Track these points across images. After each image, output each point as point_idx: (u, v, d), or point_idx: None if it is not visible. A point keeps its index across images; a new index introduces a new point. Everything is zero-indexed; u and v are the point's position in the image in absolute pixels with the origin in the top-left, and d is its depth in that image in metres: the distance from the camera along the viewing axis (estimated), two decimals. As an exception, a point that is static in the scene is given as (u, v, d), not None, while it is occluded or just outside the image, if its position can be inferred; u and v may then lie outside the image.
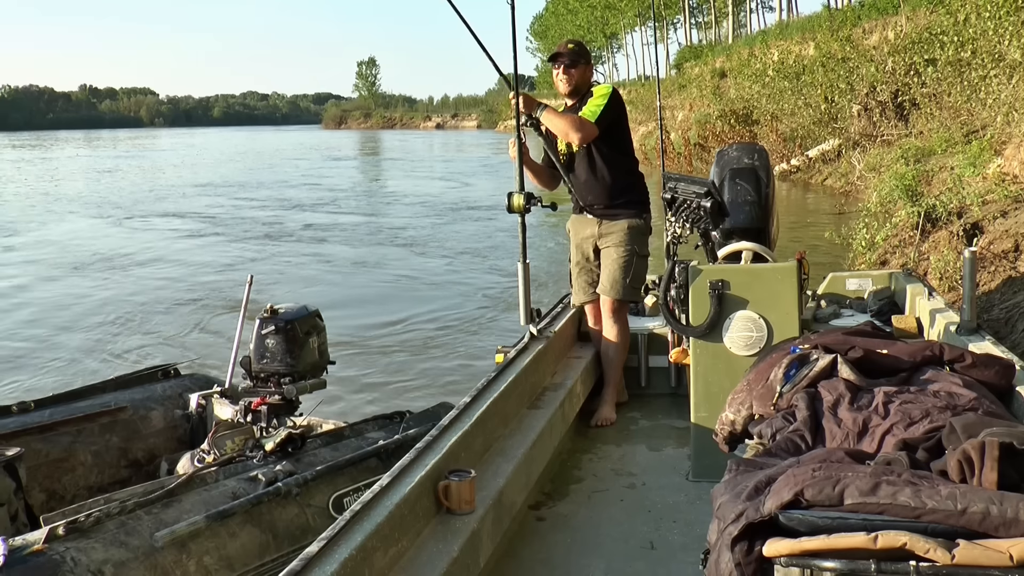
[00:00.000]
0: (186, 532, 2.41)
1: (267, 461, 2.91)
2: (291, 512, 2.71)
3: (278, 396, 3.27)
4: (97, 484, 3.23)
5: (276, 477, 2.76)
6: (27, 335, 8.12)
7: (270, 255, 12.39)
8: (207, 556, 2.42)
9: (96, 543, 2.28)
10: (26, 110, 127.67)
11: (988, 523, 1.42)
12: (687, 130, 23.30)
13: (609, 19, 60.34)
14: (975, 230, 6.77)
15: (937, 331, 3.40)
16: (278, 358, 3.25)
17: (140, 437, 3.41)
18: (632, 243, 3.76)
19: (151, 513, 2.46)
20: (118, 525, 2.37)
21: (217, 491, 2.66)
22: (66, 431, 3.21)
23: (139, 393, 3.55)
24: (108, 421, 3.35)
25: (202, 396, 3.59)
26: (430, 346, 7.34)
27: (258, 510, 2.62)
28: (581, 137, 3.64)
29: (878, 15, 21.62)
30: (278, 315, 3.29)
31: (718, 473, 1.95)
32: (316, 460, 3.01)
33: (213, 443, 3.04)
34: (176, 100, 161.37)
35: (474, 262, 11.34)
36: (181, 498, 2.57)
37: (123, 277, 10.90)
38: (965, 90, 12.57)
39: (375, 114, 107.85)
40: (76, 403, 3.37)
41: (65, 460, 3.16)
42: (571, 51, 3.73)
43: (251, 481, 2.75)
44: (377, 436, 3.35)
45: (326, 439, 3.23)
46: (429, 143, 53.01)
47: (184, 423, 3.58)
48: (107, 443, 3.30)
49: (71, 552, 2.21)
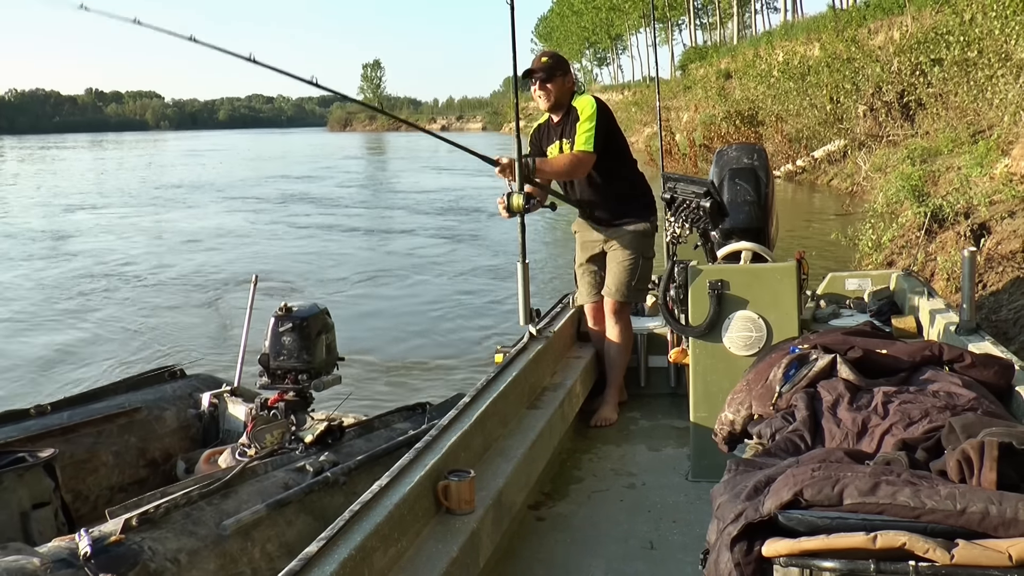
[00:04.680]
0: (250, 520, 2.50)
1: (309, 452, 3.00)
2: (339, 500, 2.78)
3: (293, 392, 3.35)
4: (119, 484, 3.29)
5: (323, 467, 2.84)
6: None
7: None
8: (269, 543, 2.51)
9: (168, 533, 2.36)
10: (32, 113, 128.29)
11: (987, 523, 1.42)
12: (692, 131, 23.28)
13: (614, 20, 60.38)
14: (982, 230, 6.74)
15: (936, 331, 3.39)
16: (294, 355, 3.33)
17: (156, 437, 3.47)
18: (639, 247, 3.76)
19: (212, 504, 2.54)
20: (184, 516, 2.44)
21: (269, 482, 2.74)
22: (87, 432, 3.26)
23: (150, 394, 3.61)
24: (126, 422, 3.40)
25: (213, 395, 3.66)
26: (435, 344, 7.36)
27: (310, 499, 2.71)
28: (584, 171, 3.64)
29: (883, 15, 21.55)
30: (292, 313, 3.38)
31: (717, 473, 1.95)
32: (353, 450, 3.09)
33: (253, 437, 3.10)
34: (181, 103, 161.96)
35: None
36: (237, 489, 2.65)
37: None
38: (971, 90, 12.53)
39: (380, 116, 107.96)
40: (91, 405, 3.41)
41: (88, 461, 3.21)
42: (545, 65, 3.66)
43: (299, 471, 2.82)
44: (404, 426, 3.44)
45: (359, 430, 3.32)
46: (435, 145, 53.15)
47: (196, 422, 3.64)
48: (126, 443, 3.36)
49: (147, 542, 2.29)
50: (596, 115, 3.60)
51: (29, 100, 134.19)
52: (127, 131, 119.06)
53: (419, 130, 5.11)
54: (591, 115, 3.60)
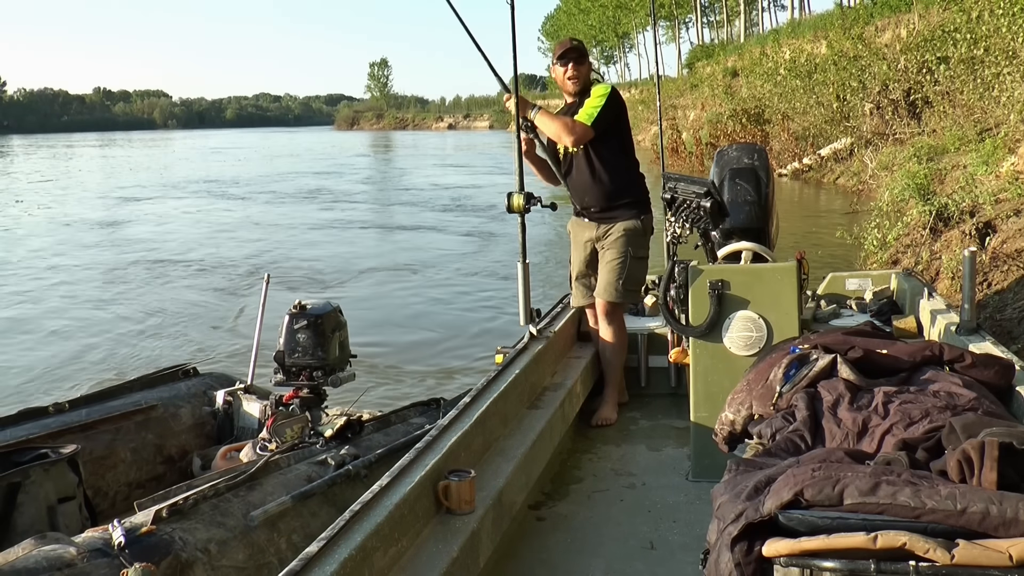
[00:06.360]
0: (276, 512, 2.56)
1: (329, 446, 3.04)
2: (360, 492, 2.81)
3: (307, 389, 3.41)
4: (136, 480, 3.34)
5: (344, 460, 2.89)
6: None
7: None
8: (294, 534, 2.56)
9: (197, 524, 2.42)
10: (40, 113, 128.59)
11: (988, 523, 1.42)
12: (699, 129, 23.24)
13: (621, 19, 60.32)
14: (987, 229, 6.70)
15: (937, 331, 3.38)
16: (309, 352, 3.41)
17: (172, 434, 3.52)
18: (627, 246, 3.70)
19: (239, 496, 2.59)
20: (212, 507, 2.50)
21: (292, 475, 2.79)
22: (106, 429, 3.31)
23: (165, 392, 3.66)
24: (142, 419, 3.45)
25: (228, 393, 3.70)
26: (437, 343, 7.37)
27: (332, 491, 2.76)
28: (574, 140, 3.61)
29: (890, 13, 21.48)
30: (307, 310, 3.44)
31: (718, 473, 1.95)
32: (372, 444, 3.13)
33: (274, 431, 3.14)
34: (189, 102, 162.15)
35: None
36: (262, 482, 2.70)
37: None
38: (978, 88, 12.46)
39: (387, 115, 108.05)
40: (108, 403, 3.46)
41: (107, 457, 3.27)
42: (577, 47, 3.71)
43: (321, 465, 2.88)
44: (420, 421, 3.48)
45: (376, 425, 3.36)
46: (443, 143, 53.27)
47: (211, 419, 3.69)
48: (143, 440, 3.41)
49: (178, 532, 2.35)
50: (607, 97, 3.62)
51: (37, 99, 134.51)
52: (135, 130, 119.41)
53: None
54: (603, 95, 3.63)
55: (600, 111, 3.60)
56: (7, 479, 2.60)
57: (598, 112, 3.59)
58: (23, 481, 2.62)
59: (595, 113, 3.59)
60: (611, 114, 3.63)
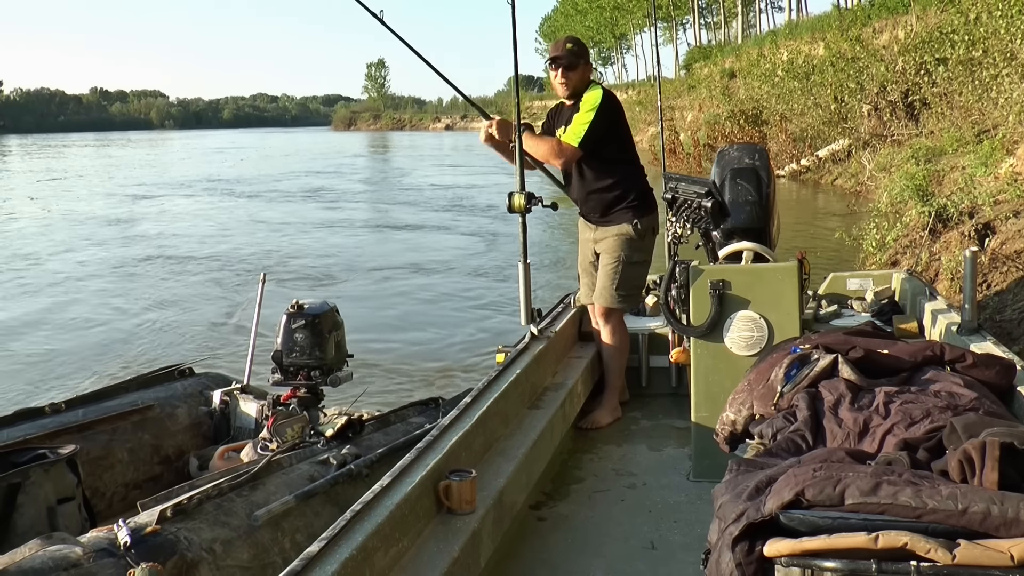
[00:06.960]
0: (280, 511, 2.57)
1: (330, 446, 3.05)
2: (361, 491, 2.82)
3: (305, 389, 3.42)
4: (134, 480, 3.34)
5: (345, 460, 2.90)
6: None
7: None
8: (298, 534, 2.58)
9: (201, 523, 2.43)
10: (37, 113, 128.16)
11: (989, 523, 1.42)
12: (696, 131, 23.24)
13: (618, 20, 60.32)
14: (986, 230, 6.71)
15: (938, 331, 3.38)
16: (307, 352, 3.42)
17: (169, 434, 3.52)
18: (622, 250, 3.64)
19: (242, 495, 2.61)
20: (216, 507, 2.51)
21: (295, 474, 2.80)
22: (102, 429, 3.31)
23: (162, 392, 3.65)
24: (139, 419, 3.45)
25: (224, 393, 3.70)
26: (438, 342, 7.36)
27: (335, 490, 2.77)
28: (563, 163, 3.57)
29: (888, 14, 21.52)
30: (304, 310, 3.44)
31: (719, 473, 1.95)
32: (373, 444, 3.13)
33: (274, 431, 3.14)
34: (186, 102, 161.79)
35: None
36: (264, 481, 2.70)
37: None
38: (976, 89, 12.49)
39: (384, 115, 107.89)
40: (104, 403, 3.46)
41: (104, 458, 3.26)
42: (569, 52, 3.58)
43: (323, 464, 2.89)
44: (419, 420, 3.48)
45: (376, 425, 3.36)
46: (440, 144, 53.27)
47: (207, 420, 3.68)
48: (140, 440, 3.41)
49: (182, 532, 2.36)
50: (597, 110, 3.49)
51: (34, 99, 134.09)
52: (131, 130, 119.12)
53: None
54: (592, 108, 3.50)
55: (589, 128, 3.48)
56: (7, 480, 2.59)
57: (586, 130, 3.48)
58: (23, 482, 2.62)
59: (583, 131, 3.48)
60: (603, 125, 3.52)
